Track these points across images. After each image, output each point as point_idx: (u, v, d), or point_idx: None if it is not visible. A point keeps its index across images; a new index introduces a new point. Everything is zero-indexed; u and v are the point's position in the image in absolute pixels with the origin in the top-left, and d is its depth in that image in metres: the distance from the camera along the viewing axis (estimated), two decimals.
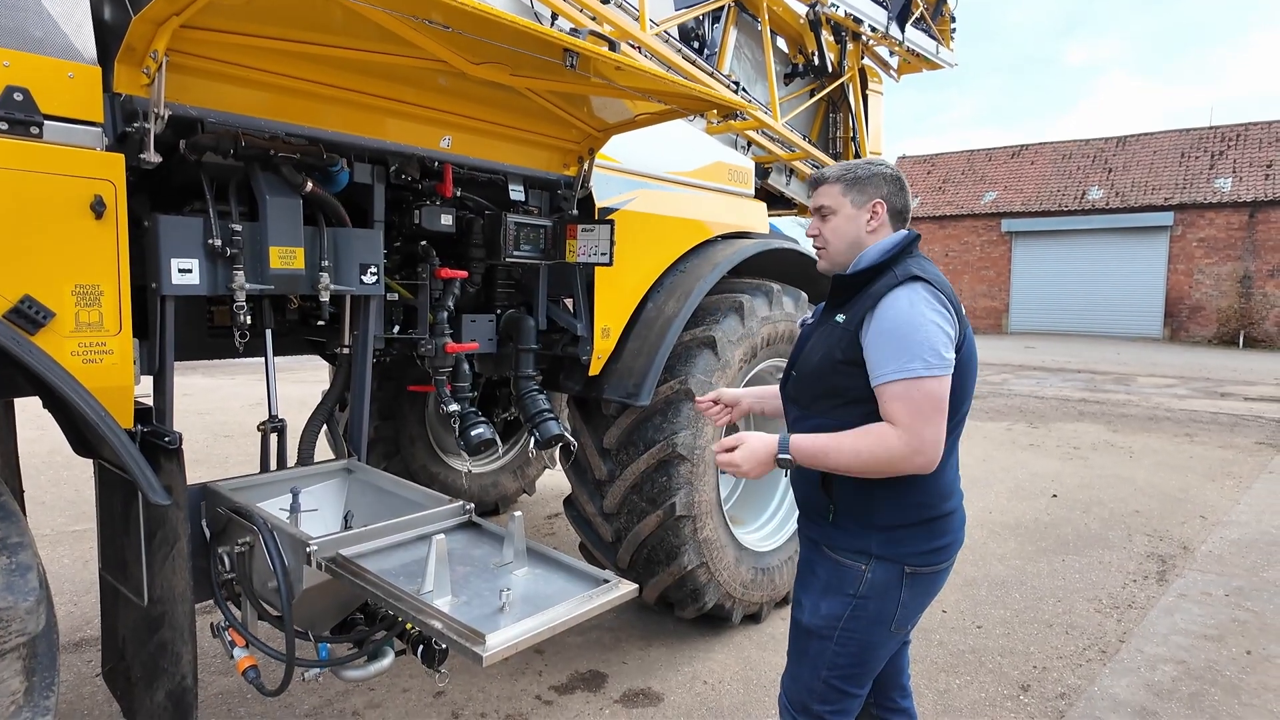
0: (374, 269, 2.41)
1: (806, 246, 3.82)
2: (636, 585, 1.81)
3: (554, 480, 5.96)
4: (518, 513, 1.92)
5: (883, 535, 1.77)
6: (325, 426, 2.67)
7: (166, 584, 1.97)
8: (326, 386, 4.56)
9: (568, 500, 3.52)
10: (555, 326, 3.24)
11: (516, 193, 2.92)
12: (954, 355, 1.68)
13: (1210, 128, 25.09)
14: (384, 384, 4.35)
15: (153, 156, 1.89)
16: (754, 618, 3.72)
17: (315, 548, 1.82)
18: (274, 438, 2.49)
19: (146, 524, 1.97)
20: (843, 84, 5.34)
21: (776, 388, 2.12)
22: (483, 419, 2.91)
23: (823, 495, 1.84)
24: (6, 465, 2.50)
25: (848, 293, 1.83)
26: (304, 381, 10.38)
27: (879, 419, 1.69)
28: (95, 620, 3.42)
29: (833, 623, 1.80)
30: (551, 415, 3.10)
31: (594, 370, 3.20)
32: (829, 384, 1.80)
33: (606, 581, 1.77)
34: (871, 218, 1.86)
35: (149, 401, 2.11)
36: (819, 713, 1.85)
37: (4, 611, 1.54)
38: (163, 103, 1.86)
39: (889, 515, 1.76)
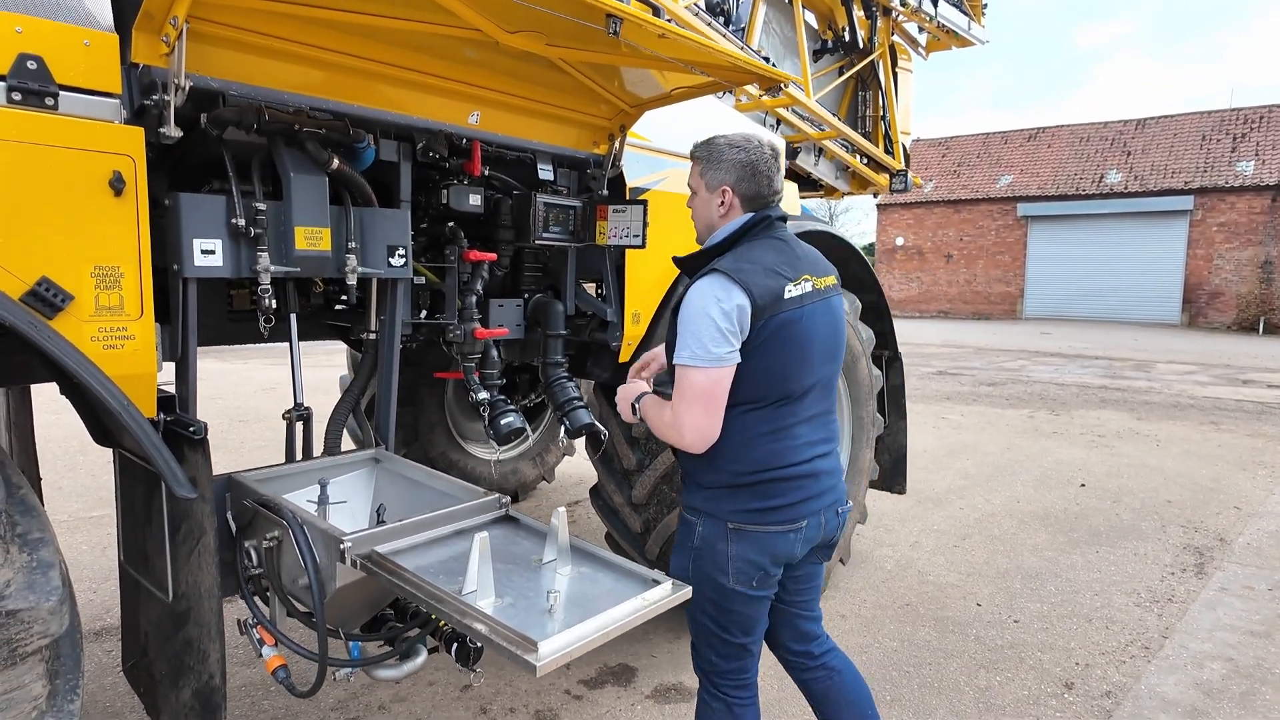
0: (402, 251, 2.31)
1: (838, 229, 3.69)
2: (690, 586, 1.71)
3: (573, 467, 5.88)
4: (561, 508, 1.82)
5: (705, 493, 1.93)
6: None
7: (192, 579, 1.89)
8: (344, 372, 4.47)
9: (594, 490, 3.43)
10: (582, 311, 3.13)
11: (545, 172, 2.81)
12: (729, 346, 1.77)
13: (1232, 110, 24.63)
14: (404, 369, 4.24)
15: (173, 131, 1.78)
16: None
17: (349, 544, 1.73)
18: (299, 426, 2.40)
19: (170, 517, 1.88)
20: (873, 61, 5.17)
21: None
22: (512, 407, 2.81)
23: (676, 458, 2.00)
24: (24, 453, 2.43)
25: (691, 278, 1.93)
26: (319, 366, 10.31)
27: None
28: (115, 609, 3.35)
29: (683, 574, 1.94)
30: (582, 403, 3.00)
31: (624, 357, 3.10)
32: (669, 360, 1.94)
33: (657, 582, 1.67)
34: (721, 203, 1.94)
35: (170, 389, 2.01)
36: (697, 646, 2.06)
37: (26, 612, 1.45)
38: (183, 73, 1.75)
39: (705, 475, 1.92)
